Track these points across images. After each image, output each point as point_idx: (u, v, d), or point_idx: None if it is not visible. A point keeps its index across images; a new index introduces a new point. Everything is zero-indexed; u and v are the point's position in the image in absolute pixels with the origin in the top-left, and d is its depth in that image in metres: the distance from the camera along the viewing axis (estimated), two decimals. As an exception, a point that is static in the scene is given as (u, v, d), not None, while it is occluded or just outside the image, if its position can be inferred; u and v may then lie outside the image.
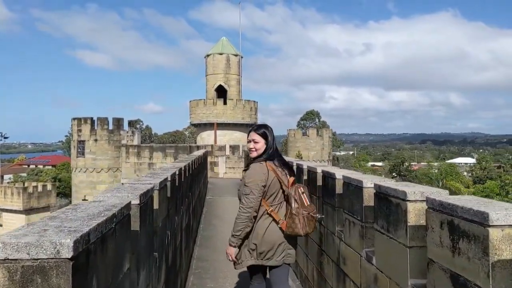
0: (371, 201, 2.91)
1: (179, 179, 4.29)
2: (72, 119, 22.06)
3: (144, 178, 3.15)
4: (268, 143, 2.96)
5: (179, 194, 4.37)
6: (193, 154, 9.69)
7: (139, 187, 2.49)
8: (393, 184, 2.58)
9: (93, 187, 21.29)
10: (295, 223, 2.81)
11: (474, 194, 46.95)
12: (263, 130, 3.00)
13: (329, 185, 3.91)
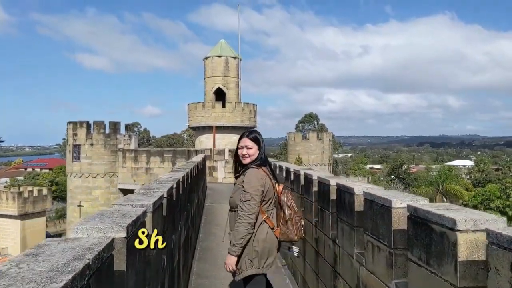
0: (402, 225, 2.49)
1: (176, 192, 3.85)
2: (68, 122, 21.52)
3: (136, 197, 2.71)
4: (260, 148, 2.94)
5: (177, 209, 3.93)
6: (192, 160, 9.24)
7: (129, 212, 2.05)
8: (434, 207, 2.15)
9: (89, 192, 20.75)
10: (289, 229, 2.82)
11: (475, 198, 46.67)
12: (255, 135, 2.97)
13: (345, 201, 3.48)
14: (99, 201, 20.83)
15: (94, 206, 20.52)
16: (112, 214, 2.01)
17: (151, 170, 20.77)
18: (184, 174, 4.97)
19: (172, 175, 4.67)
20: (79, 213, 20.24)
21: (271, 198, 2.87)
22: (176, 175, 4.68)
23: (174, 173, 5.07)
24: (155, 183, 3.69)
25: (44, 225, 36.76)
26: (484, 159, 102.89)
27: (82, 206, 20.06)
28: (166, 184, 3.55)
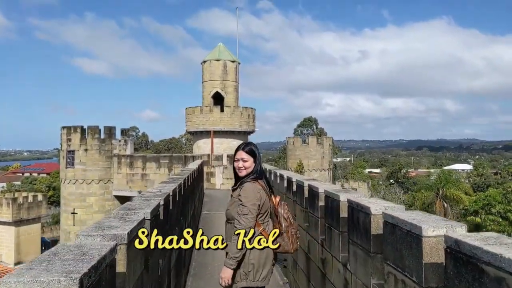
0: (436, 258, 2.03)
1: (165, 210, 3.38)
2: (62, 127, 20.96)
3: (109, 221, 2.24)
4: (256, 161, 2.96)
5: (166, 227, 3.46)
6: (187, 168, 8.76)
7: (91, 250, 1.58)
8: (482, 241, 1.69)
9: (83, 199, 20.16)
10: (285, 241, 2.84)
11: (476, 202, 46.35)
12: (250, 148, 2.98)
13: (359, 221, 3.02)
14: (93, 208, 20.25)
15: (88, 214, 19.95)
16: (69, 254, 1.54)
17: (147, 176, 20.23)
18: (176, 186, 4.50)
19: (162, 187, 4.20)
20: (73, 221, 19.68)
21: (267, 210, 2.88)
22: (166, 188, 4.21)
23: (164, 184, 4.60)
24: (140, 199, 3.22)
25: (39, 231, 36.08)
26: (483, 163, 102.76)
27: (76, 214, 19.49)
28: (152, 201, 3.07)
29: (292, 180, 5.57)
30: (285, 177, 6.22)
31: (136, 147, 71.28)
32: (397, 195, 57.69)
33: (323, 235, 4.06)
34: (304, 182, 4.85)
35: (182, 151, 63.32)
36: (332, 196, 3.68)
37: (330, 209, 3.75)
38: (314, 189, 4.36)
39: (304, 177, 5.60)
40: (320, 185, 4.36)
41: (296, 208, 5.31)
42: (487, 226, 40.76)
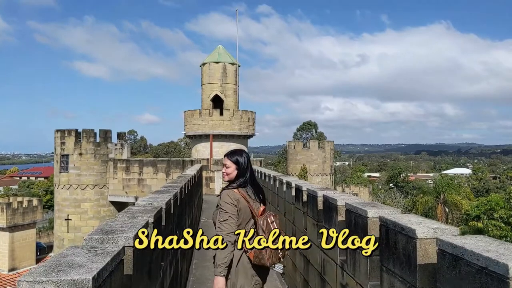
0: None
1: (156, 227, 2.78)
2: (56, 131, 20.22)
3: (74, 253, 1.63)
4: (239, 169, 2.95)
5: (154, 254, 2.86)
6: (185, 173, 8.14)
7: None
8: None
9: (77, 205, 19.43)
10: (262, 254, 2.76)
11: (478, 207, 45.85)
12: (235, 158, 2.99)
13: (396, 244, 2.42)
14: (88, 214, 19.52)
15: (83, 220, 19.23)
16: None
17: (143, 182, 19.55)
18: (170, 197, 3.89)
19: (154, 199, 3.59)
20: (66, 227, 18.96)
21: (245, 220, 2.86)
22: (159, 199, 3.60)
23: (157, 195, 3.98)
24: (124, 217, 2.61)
25: (34, 237, 35.28)
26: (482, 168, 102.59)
27: (70, 220, 18.78)
28: (139, 220, 2.47)
29: (302, 189, 4.97)
30: (292, 185, 5.63)
31: (135, 151, 70.75)
32: (397, 199, 57.18)
33: (344, 255, 3.45)
34: (318, 192, 4.25)
35: (181, 155, 62.69)
36: (357, 211, 3.09)
37: (354, 227, 3.15)
38: (331, 200, 3.76)
39: (315, 185, 5.00)
40: (338, 196, 3.76)
41: (308, 222, 4.70)
42: (490, 231, 40.20)
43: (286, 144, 29.79)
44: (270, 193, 7.85)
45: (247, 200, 2.85)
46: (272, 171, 8.78)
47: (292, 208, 5.62)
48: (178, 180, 6.04)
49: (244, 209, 2.83)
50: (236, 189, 2.87)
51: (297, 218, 5.29)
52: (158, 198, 3.71)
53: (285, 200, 6.19)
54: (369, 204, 3.21)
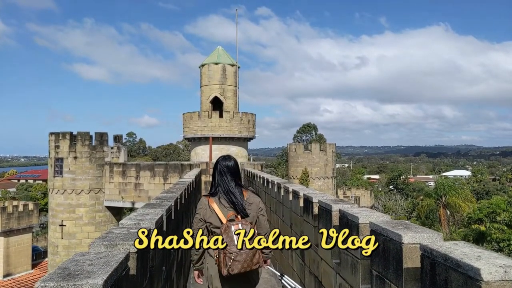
0: None
1: (140, 258, 2.23)
2: (49, 133, 19.55)
3: None
4: (215, 179, 3.12)
5: (144, 280, 2.31)
6: (182, 180, 7.59)
7: None
8: None
9: (72, 210, 18.80)
10: (219, 261, 2.81)
11: (480, 210, 45.30)
12: (214, 167, 3.19)
13: (448, 285, 1.88)
14: (83, 220, 18.89)
15: (78, 226, 18.61)
16: None
17: (140, 186, 18.96)
18: (163, 213, 3.35)
19: (142, 217, 3.04)
20: (61, 234, 18.35)
21: (216, 227, 2.93)
22: (148, 217, 3.05)
23: (147, 211, 3.43)
24: (99, 245, 2.06)
25: (30, 242, 34.62)
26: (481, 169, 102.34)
27: (65, 226, 18.16)
28: (116, 253, 1.92)
29: (312, 200, 4.43)
30: (300, 195, 5.08)
31: (134, 154, 70.19)
32: (398, 202, 56.68)
33: (368, 283, 2.91)
34: (332, 205, 3.71)
35: (180, 158, 62.09)
36: (386, 233, 2.54)
37: (383, 253, 2.61)
38: (350, 217, 3.22)
39: (327, 196, 4.45)
40: (359, 212, 3.22)
41: (319, 238, 4.15)
42: (492, 234, 39.66)
43: (287, 146, 29.26)
44: (274, 201, 7.31)
45: (216, 207, 2.92)
46: (275, 177, 8.24)
47: (300, 220, 5.08)
48: (174, 189, 5.48)
49: (211, 217, 2.92)
50: (208, 197, 3.02)
51: (307, 232, 4.74)
52: (148, 215, 3.16)
53: (292, 211, 5.65)
54: (400, 224, 2.67)
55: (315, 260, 4.13)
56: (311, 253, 4.27)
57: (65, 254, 18.01)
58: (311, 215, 4.48)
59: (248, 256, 2.73)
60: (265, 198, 8.56)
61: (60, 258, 18.11)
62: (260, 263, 2.83)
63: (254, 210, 3.04)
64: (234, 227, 2.77)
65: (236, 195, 2.99)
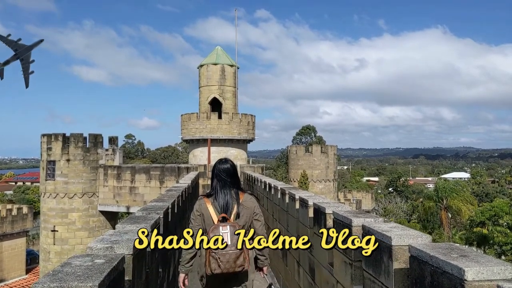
0: None
1: None
2: (42, 135, 18.77)
3: None
4: (212, 181, 3.18)
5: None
6: (177, 185, 6.95)
7: None
8: None
9: (64, 215, 18.06)
10: (203, 260, 2.87)
11: (482, 213, 44.67)
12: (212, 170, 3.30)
13: None
14: (76, 225, 18.15)
15: (71, 231, 17.88)
16: None
17: (135, 190, 18.25)
18: (148, 229, 2.72)
19: (120, 236, 2.41)
20: (53, 239, 17.63)
21: (209, 226, 2.96)
22: (126, 236, 2.42)
23: (129, 227, 2.80)
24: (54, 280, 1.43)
25: (24, 246, 33.84)
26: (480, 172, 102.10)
27: (57, 231, 17.44)
28: None
29: (325, 211, 3.80)
30: (309, 204, 4.45)
31: (132, 155, 69.51)
32: (398, 205, 56.07)
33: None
34: (353, 219, 3.08)
35: (179, 160, 61.40)
36: (438, 264, 1.91)
37: (430, 286, 1.98)
38: (379, 237, 2.59)
39: (343, 206, 3.81)
40: (391, 230, 2.59)
41: (335, 257, 3.52)
42: (495, 237, 39.05)
43: (287, 148, 28.64)
44: (277, 209, 6.68)
45: (210, 208, 3.00)
46: (278, 182, 7.61)
47: (310, 233, 4.45)
48: (165, 197, 4.84)
49: (207, 217, 3.00)
50: (205, 198, 3.10)
51: (317, 246, 4.11)
52: (127, 233, 2.53)
53: (298, 221, 5.02)
54: (452, 250, 2.03)
55: (329, 282, 3.49)
56: (323, 273, 3.72)
57: (57, 261, 17.30)
58: (323, 225, 3.85)
59: (231, 258, 2.75)
60: (267, 205, 7.92)
61: (52, 265, 17.39)
62: (244, 266, 2.80)
63: (248, 214, 3.06)
64: (222, 228, 2.84)
65: (228, 198, 3.05)
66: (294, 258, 5.25)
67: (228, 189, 3.08)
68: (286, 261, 5.98)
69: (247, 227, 3.04)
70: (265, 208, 8.09)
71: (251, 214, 3.08)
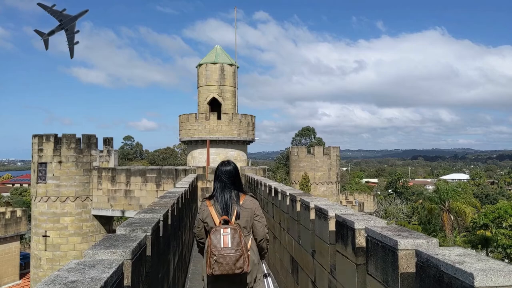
0: None
1: None
2: (33, 136, 17.85)
3: None
4: (214, 183, 3.26)
5: None
6: (173, 190, 6.20)
7: None
8: None
9: (56, 220, 17.18)
10: (204, 261, 2.96)
11: (486, 215, 43.92)
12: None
13: None
14: (68, 230, 17.28)
15: (63, 237, 17.02)
16: None
17: (131, 193, 17.42)
18: (126, 256, 1.99)
19: (83, 273, 1.65)
20: (44, 245, 16.77)
21: (210, 228, 3.00)
22: (92, 272, 1.66)
23: (99, 253, 2.06)
24: None
25: (18, 250, 32.97)
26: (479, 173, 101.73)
27: (48, 237, 16.59)
28: None
29: (354, 226, 3.06)
30: (329, 216, 3.71)
31: (131, 157, 68.63)
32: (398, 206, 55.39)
33: None
34: (399, 241, 2.34)
35: (177, 162, 60.54)
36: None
37: None
38: (449, 272, 1.84)
39: (377, 220, 3.07)
40: (464, 262, 1.84)
41: (371, 285, 2.77)
42: (499, 240, 38.34)
43: (289, 150, 27.89)
44: (286, 217, 5.93)
45: (211, 210, 3.11)
46: (286, 187, 6.85)
47: (330, 250, 3.70)
48: (157, 206, 4.08)
49: (209, 218, 3.10)
50: (207, 200, 3.22)
51: (342, 268, 3.37)
52: (95, 267, 1.78)
53: (314, 234, 4.27)
54: None
55: None
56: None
57: (48, 268, 16.46)
58: (352, 247, 3.10)
59: (231, 260, 2.80)
60: (272, 211, 7.17)
61: (44, 272, 16.56)
62: (243, 268, 2.84)
63: (248, 215, 3.11)
64: (223, 231, 2.89)
65: (227, 200, 3.12)
66: (309, 276, 4.50)
67: (228, 191, 3.14)
68: (297, 277, 5.23)
69: (248, 228, 3.11)
70: (270, 215, 7.34)
71: (252, 215, 3.13)
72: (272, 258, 7.34)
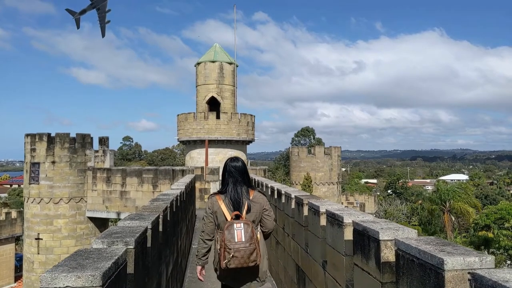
0: None
1: None
2: (25, 135, 17.27)
3: None
4: (224, 179, 3.34)
5: None
6: (167, 192, 5.70)
7: None
8: None
9: (49, 222, 16.59)
10: (219, 254, 3.03)
11: (487, 216, 43.49)
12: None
13: None
14: (62, 232, 16.69)
15: (56, 239, 16.45)
16: None
17: (127, 194, 16.87)
18: (98, 276, 1.48)
19: None
20: (37, 248, 16.20)
21: (223, 222, 3.11)
22: None
23: (61, 277, 1.53)
24: None
25: (13, 253, 32.38)
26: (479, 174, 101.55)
27: (41, 240, 16.01)
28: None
29: (378, 237, 2.57)
30: (345, 223, 3.23)
31: (130, 157, 68.02)
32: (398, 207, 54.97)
33: None
34: (445, 259, 1.85)
35: (176, 162, 59.96)
36: None
37: None
38: None
39: (408, 231, 2.57)
40: None
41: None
42: (501, 241, 37.90)
43: (289, 150, 27.39)
44: (291, 221, 5.44)
45: (222, 204, 3.18)
46: (291, 189, 6.36)
47: (346, 262, 3.21)
48: (146, 211, 3.58)
49: (219, 212, 3.18)
50: (217, 195, 3.28)
51: (362, 285, 2.88)
52: None
53: (325, 243, 3.78)
54: None
55: None
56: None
57: (41, 272, 15.90)
58: (376, 261, 2.61)
59: (245, 254, 2.95)
60: (276, 215, 6.67)
61: (36, 276, 15.99)
62: (256, 261, 2.99)
63: (258, 209, 3.24)
64: (236, 225, 3.01)
65: (239, 195, 3.22)
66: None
67: (240, 186, 3.24)
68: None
69: (257, 222, 3.22)
70: (274, 219, 6.82)
71: (261, 210, 3.25)
72: (275, 265, 6.85)
